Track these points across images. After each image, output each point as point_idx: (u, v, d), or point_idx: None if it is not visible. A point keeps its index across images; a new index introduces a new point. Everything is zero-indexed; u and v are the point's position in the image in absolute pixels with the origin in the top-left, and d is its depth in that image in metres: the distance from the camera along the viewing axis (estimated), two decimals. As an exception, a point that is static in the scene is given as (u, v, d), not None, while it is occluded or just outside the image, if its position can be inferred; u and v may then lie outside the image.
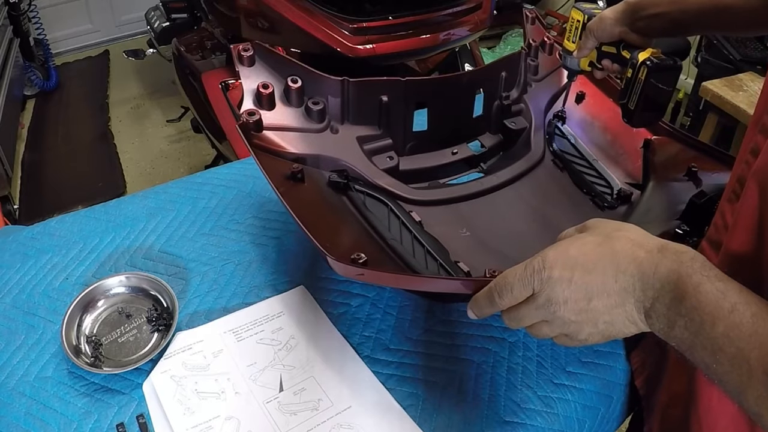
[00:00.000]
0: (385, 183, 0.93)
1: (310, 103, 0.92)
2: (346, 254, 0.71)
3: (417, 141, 1.01)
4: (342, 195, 0.91)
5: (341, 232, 0.84)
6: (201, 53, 2.22)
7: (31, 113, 3.22)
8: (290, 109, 0.92)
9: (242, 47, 0.88)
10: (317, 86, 0.93)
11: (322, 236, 0.69)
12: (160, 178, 2.71)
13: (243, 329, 0.88)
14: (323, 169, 0.92)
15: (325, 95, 0.93)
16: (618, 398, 0.86)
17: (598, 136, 1.09)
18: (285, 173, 0.86)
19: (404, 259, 0.80)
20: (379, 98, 0.95)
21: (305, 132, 0.92)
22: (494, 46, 3.58)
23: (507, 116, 1.07)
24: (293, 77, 0.91)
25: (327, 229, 0.80)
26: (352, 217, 0.88)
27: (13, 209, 2.44)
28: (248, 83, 0.89)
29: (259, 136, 0.88)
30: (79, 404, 0.78)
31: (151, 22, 2.69)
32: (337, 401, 0.79)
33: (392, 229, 0.85)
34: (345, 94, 0.93)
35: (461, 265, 0.81)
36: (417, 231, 0.85)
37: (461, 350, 0.87)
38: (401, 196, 0.93)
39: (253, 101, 0.89)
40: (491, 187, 0.98)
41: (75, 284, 0.95)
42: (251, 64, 0.89)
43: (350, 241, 0.83)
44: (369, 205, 0.89)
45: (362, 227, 0.86)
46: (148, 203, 1.12)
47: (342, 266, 0.68)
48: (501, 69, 1.06)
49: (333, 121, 0.95)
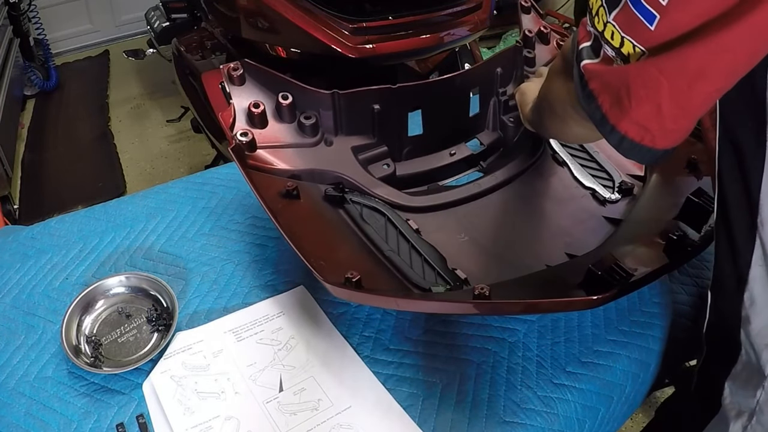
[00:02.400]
0: (381, 192, 0.93)
1: (303, 117, 0.92)
2: (340, 271, 0.72)
3: (413, 145, 1.01)
4: (338, 208, 0.90)
5: (337, 248, 0.84)
6: (201, 53, 2.21)
7: (31, 113, 3.21)
8: (283, 125, 0.92)
9: (232, 66, 0.89)
10: (308, 101, 0.92)
11: (317, 255, 0.71)
12: (160, 178, 2.71)
13: (243, 329, 0.88)
14: (319, 182, 0.92)
15: (316, 109, 0.93)
16: (618, 398, 0.86)
17: None
18: (280, 191, 0.86)
19: (401, 270, 0.81)
20: (371, 107, 0.95)
21: (299, 147, 0.92)
22: (494, 46, 3.57)
23: (505, 112, 1.06)
24: (284, 94, 0.91)
25: (322, 246, 0.81)
26: (349, 230, 0.88)
27: (13, 209, 2.44)
28: (240, 102, 0.89)
29: (253, 155, 0.88)
30: (79, 404, 0.78)
31: (151, 22, 2.69)
32: (337, 401, 0.79)
33: (389, 240, 0.85)
34: (336, 106, 0.93)
35: (459, 272, 0.81)
36: (414, 240, 0.85)
37: (461, 350, 0.87)
38: (398, 204, 0.92)
39: (246, 121, 0.89)
40: (489, 187, 0.98)
41: (75, 284, 0.95)
42: (242, 83, 0.89)
43: (346, 257, 0.83)
44: (366, 216, 0.89)
45: (359, 241, 0.86)
46: (148, 203, 1.12)
47: (333, 288, 0.71)
48: (495, 65, 1.05)
49: (326, 134, 0.94)
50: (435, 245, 0.85)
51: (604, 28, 0.55)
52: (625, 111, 0.55)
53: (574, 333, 0.90)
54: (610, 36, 0.55)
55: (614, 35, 0.54)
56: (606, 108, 0.57)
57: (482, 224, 0.93)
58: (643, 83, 0.53)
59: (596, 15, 0.56)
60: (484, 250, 0.89)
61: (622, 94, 0.55)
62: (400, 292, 0.78)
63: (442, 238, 0.88)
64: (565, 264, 0.85)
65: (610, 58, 0.56)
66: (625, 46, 0.54)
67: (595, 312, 0.93)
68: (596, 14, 0.56)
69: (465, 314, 0.89)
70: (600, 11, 0.56)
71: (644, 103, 0.54)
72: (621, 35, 0.54)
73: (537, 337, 0.89)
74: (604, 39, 0.56)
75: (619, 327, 0.91)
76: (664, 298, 0.96)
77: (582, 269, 0.73)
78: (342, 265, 0.75)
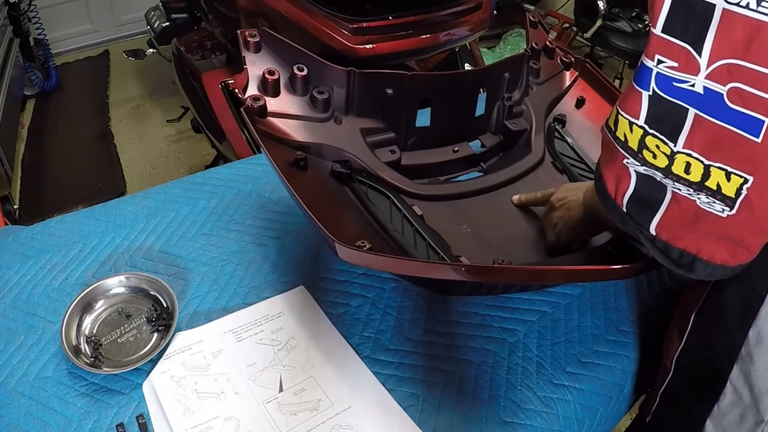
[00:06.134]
0: (387, 176, 0.93)
1: (315, 92, 0.92)
2: (350, 242, 0.70)
3: (419, 137, 1.01)
4: (344, 186, 0.90)
5: (344, 221, 0.84)
6: (201, 53, 2.21)
7: (31, 113, 3.21)
8: (295, 97, 0.92)
9: (249, 33, 0.88)
10: (323, 75, 0.92)
11: (327, 223, 0.69)
12: (160, 178, 2.71)
13: (243, 329, 0.88)
14: (326, 158, 0.92)
15: (330, 85, 0.93)
16: (617, 398, 0.86)
17: (597, 140, 1.09)
18: (288, 160, 0.86)
19: (406, 250, 0.80)
20: (384, 91, 0.95)
21: (309, 120, 0.92)
22: (494, 46, 3.58)
23: (508, 117, 1.07)
24: (299, 65, 0.90)
25: (331, 217, 0.79)
26: (355, 207, 0.87)
27: (13, 209, 2.44)
28: (254, 69, 0.89)
29: (263, 121, 0.88)
30: (79, 404, 0.78)
31: (151, 22, 2.69)
32: (337, 401, 0.79)
33: (394, 222, 0.85)
34: (350, 84, 0.93)
35: (463, 259, 0.81)
36: (419, 224, 0.85)
37: (461, 350, 0.87)
38: (404, 189, 0.93)
39: (258, 87, 0.89)
40: (492, 185, 0.98)
41: (75, 284, 0.95)
42: (257, 51, 0.89)
43: (354, 229, 0.82)
44: (371, 196, 0.89)
45: (365, 217, 0.86)
46: (148, 203, 1.12)
47: (348, 251, 0.67)
48: (504, 69, 1.06)
49: (337, 112, 0.95)
50: (439, 233, 0.86)
51: (670, 161, 0.43)
52: (756, 249, 0.46)
53: (574, 333, 0.90)
54: (684, 170, 0.42)
55: (692, 167, 0.42)
56: (722, 260, 0.46)
57: (484, 219, 0.93)
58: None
59: (643, 149, 0.44)
60: (486, 243, 0.89)
61: (751, 240, 0.45)
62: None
63: (445, 227, 0.88)
64: (577, 253, 0.85)
65: (688, 200, 0.43)
66: (711, 177, 0.41)
67: (595, 312, 0.93)
68: (643, 148, 0.44)
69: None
70: (650, 142, 0.43)
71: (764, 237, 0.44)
72: (704, 164, 0.41)
73: (537, 338, 0.89)
74: (673, 176, 0.43)
75: (619, 327, 0.91)
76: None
77: (597, 254, 0.75)
78: (351, 236, 0.74)
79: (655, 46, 0.42)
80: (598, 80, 1.11)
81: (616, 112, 0.46)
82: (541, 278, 0.77)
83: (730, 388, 0.59)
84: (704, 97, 0.39)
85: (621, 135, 0.45)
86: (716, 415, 0.61)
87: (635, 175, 0.46)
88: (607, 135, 0.48)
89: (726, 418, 0.61)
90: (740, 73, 0.37)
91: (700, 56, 0.39)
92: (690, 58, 0.40)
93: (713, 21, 0.38)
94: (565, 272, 0.75)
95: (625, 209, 0.48)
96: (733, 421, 0.60)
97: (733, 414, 0.60)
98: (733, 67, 0.37)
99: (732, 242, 0.45)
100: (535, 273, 0.75)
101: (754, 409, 0.57)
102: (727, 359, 0.58)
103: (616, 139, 0.46)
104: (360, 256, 0.68)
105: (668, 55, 0.41)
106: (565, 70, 1.15)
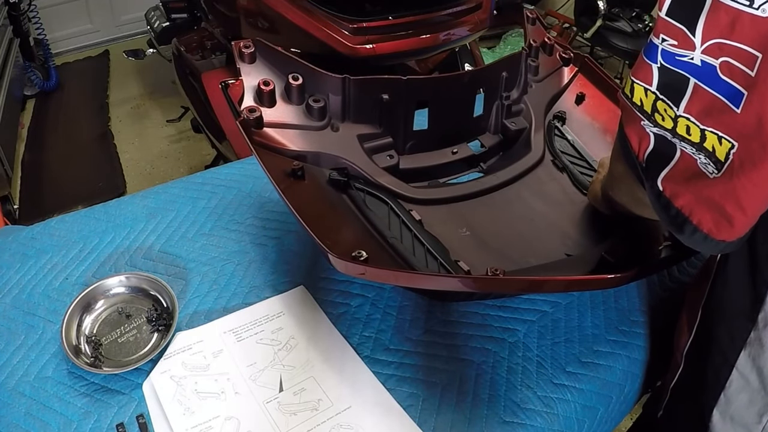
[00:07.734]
0: (385, 181, 0.93)
1: (311, 100, 0.92)
2: (346, 252, 0.70)
3: (417, 140, 1.01)
4: (342, 193, 0.91)
5: (342, 230, 0.84)
6: (201, 53, 2.21)
7: (31, 113, 3.21)
8: (291, 106, 0.92)
9: (243, 44, 0.88)
10: (318, 84, 0.93)
11: (323, 234, 0.69)
12: (160, 178, 2.71)
13: (243, 329, 0.88)
14: (323, 166, 0.92)
15: (326, 93, 0.93)
16: (617, 398, 0.86)
17: (597, 137, 1.09)
18: (285, 170, 0.86)
19: (404, 257, 0.80)
20: (380, 96, 0.95)
21: (306, 129, 0.92)
22: (494, 46, 3.58)
23: (507, 116, 1.07)
24: (294, 74, 0.91)
25: (327, 226, 0.80)
26: (353, 215, 0.88)
27: (13, 209, 2.44)
28: (249, 80, 0.89)
29: (260, 132, 0.88)
30: (79, 404, 0.78)
31: (151, 22, 2.69)
32: (337, 401, 0.79)
33: (392, 228, 0.85)
34: (346, 91, 0.93)
35: (461, 264, 0.81)
36: (417, 230, 0.85)
37: (461, 350, 0.87)
38: (401, 194, 0.93)
39: (254, 98, 0.89)
40: (491, 186, 0.98)
41: (75, 284, 0.95)
42: (252, 61, 0.89)
43: (351, 238, 0.83)
44: (369, 203, 0.89)
45: (362, 225, 0.86)
46: (148, 203, 1.12)
47: (343, 263, 0.68)
48: (502, 69, 1.05)
49: (334, 119, 0.95)
50: (437, 237, 0.86)
51: (674, 123, 0.49)
52: (738, 225, 0.48)
53: (574, 333, 0.90)
54: (685, 131, 0.48)
55: (691, 129, 0.48)
56: (708, 228, 0.50)
57: (483, 221, 0.93)
58: (755, 194, 0.46)
59: (655, 112, 0.50)
60: (485, 246, 0.89)
61: (731, 210, 0.48)
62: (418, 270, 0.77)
63: (444, 231, 0.88)
64: (574, 257, 0.85)
65: (691, 158, 0.49)
66: (707, 140, 0.47)
67: (595, 312, 0.93)
68: (654, 111, 0.50)
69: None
70: (660, 106, 0.49)
71: (758, 210, 0.47)
72: (700, 128, 0.47)
73: (537, 337, 0.89)
74: (678, 136, 0.49)
75: (619, 327, 0.91)
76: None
77: (594, 259, 0.75)
78: (347, 246, 0.74)
79: (660, 27, 0.49)
80: (598, 75, 1.10)
81: (631, 81, 0.53)
82: (539, 288, 0.78)
83: (737, 375, 0.61)
84: (702, 69, 0.47)
85: (637, 100, 0.52)
86: (723, 403, 0.63)
87: (653, 135, 0.52)
88: (625, 101, 0.54)
89: (733, 405, 0.62)
90: (728, 50, 0.45)
91: (694, 36, 0.47)
92: (686, 38, 0.47)
93: (705, 8, 0.46)
94: (563, 282, 0.76)
95: (644, 163, 0.54)
96: (741, 406, 0.61)
97: (740, 399, 0.61)
98: (722, 45, 0.45)
99: (717, 210, 0.49)
100: (533, 283, 0.76)
101: (763, 392, 0.59)
102: (734, 346, 0.60)
103: (633, 104, 0.52)
104: (355, 268, 0.69)
105: (669, 34, 0.48)
106: (564, 66, 1.14)
